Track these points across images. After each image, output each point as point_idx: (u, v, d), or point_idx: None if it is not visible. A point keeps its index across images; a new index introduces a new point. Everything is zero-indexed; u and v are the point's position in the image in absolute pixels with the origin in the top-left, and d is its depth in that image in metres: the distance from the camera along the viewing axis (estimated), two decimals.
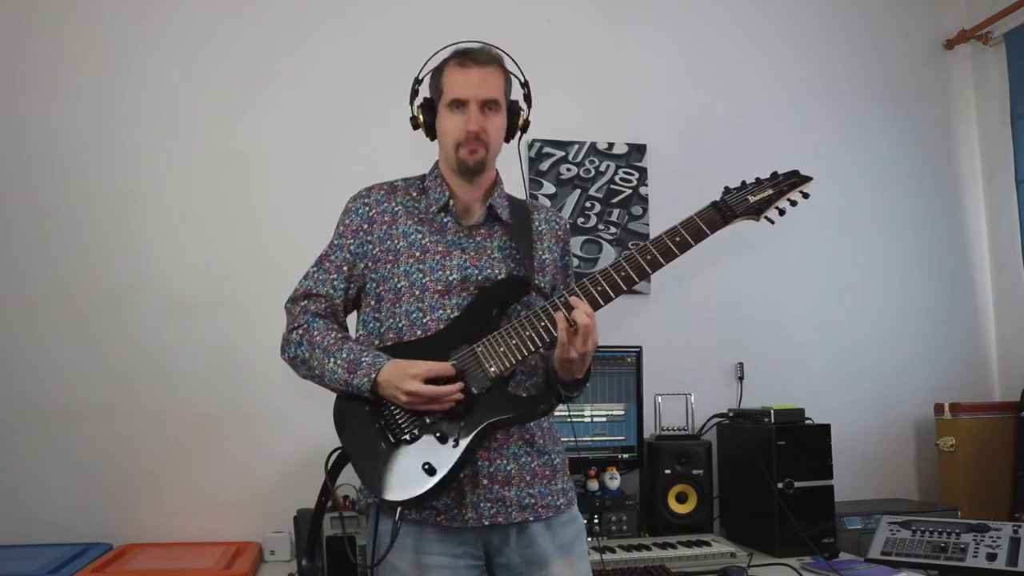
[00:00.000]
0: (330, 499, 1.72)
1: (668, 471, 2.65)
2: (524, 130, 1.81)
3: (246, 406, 2.65)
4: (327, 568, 2.19)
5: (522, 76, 1.83)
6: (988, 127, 3.33)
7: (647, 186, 3.02)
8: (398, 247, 1.71)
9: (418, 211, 1.74)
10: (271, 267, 2.64)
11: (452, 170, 1.74)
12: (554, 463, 1.72)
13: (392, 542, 1.57)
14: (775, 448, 2.56)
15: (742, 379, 3.03)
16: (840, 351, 3.14)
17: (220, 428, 2.64)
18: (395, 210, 1.74)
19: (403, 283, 1.68)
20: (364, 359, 1.61)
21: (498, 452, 1.64)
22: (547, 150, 2.97)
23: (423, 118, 1.78)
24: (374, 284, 1.72)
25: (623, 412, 2.71)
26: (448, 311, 1.66)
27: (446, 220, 1.73)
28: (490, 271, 1.69)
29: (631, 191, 3.02)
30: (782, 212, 1.72)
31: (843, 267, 3.19)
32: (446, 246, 1.70)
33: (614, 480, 2.64)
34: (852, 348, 3.15)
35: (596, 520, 2.57)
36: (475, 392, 1.60)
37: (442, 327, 1.65)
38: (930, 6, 3.41)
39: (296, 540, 2.45)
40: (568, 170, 2.98)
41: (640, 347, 2.73)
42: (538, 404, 1.63)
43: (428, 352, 1.61)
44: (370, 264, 1.72)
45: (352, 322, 1.79)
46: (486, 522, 1.62)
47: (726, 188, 1.71)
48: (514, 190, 1.87)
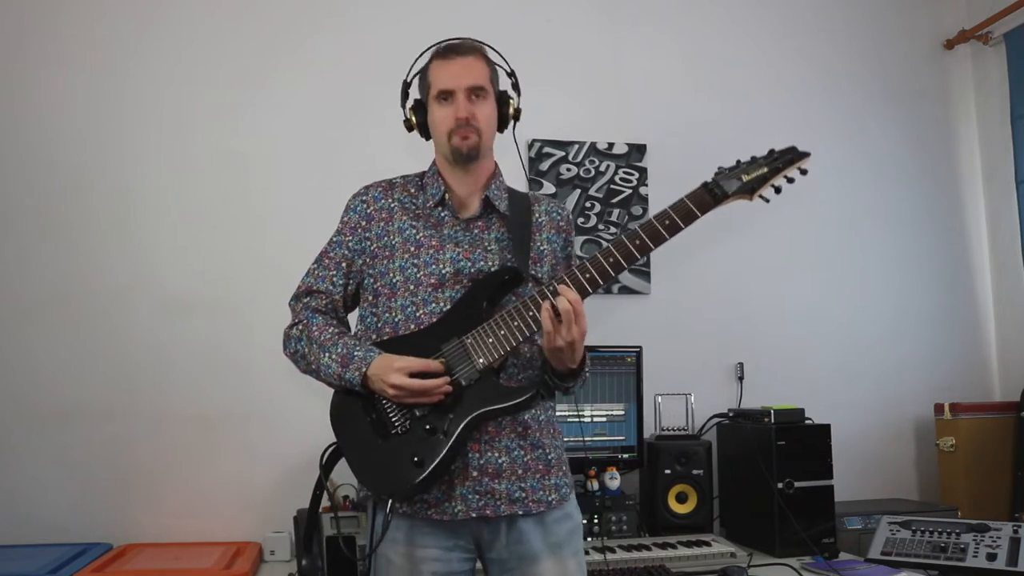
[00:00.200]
0: (324, 492, 1.73)
1: (668, 471, 2.65)
2: (516, 118, 1.81)
3: (245, 406, 2.66)
4: (327, 568, 2.19)
5: (508, 66, 1.83)
6: (988, 127, 3.32)
7: (647, 186, 3.02)
8: (393, 243, 1.72)
9: (415, 207, 1.75)
10: (270, 267, 2.64)
11: (448, 162, 1.75)
12: (548, 458, 1.69)
13: (383, 534, 1.59)
14: (775, 448, 2.56)
15: (742, 379, 3.03)
16: (840, 351, 3.14)
17: (219, 428, 2.64)
18: (392, 207, 1.76)
19: (398, 278, 1.69)
20: (356, 353, 1.63)
21: (489, 444, 1.64)
22: (547, 150, 2.97)
23: (415, 119, 1.80)
24: (371, 280, 1.74)
25: (623, 412, 2.71)
26: (441, 304, 1.66)
27: (443, 214, 1.74)
28: (483, 263, 1.69)
29: (631, 191, 3.02)
30: (778, 190, 1.64)
31: (843, 267, 3.19)
32: (440, 240, 1.70)
33: (614, 480, 2.63)
34: (852, 348, 3.15)
35: (596, 520, 2.57)
36: (464, 384, 1.60)
37: (435, 320, 1.65)
38: (930, 6, 3.41)
39: (296, 540, 2.45)
40: (568, 170, 2.98)
41: (640, 347, 2.73)
42: (526, 394, 1.61)
43: (420, 345, 1.62)
44: (368, 260, 1.74)
45: (354, 319, 1.80)
46: (474, 514, 1.62)
47: (719, 168, 1.65)
48: (513, 184, 1.86)
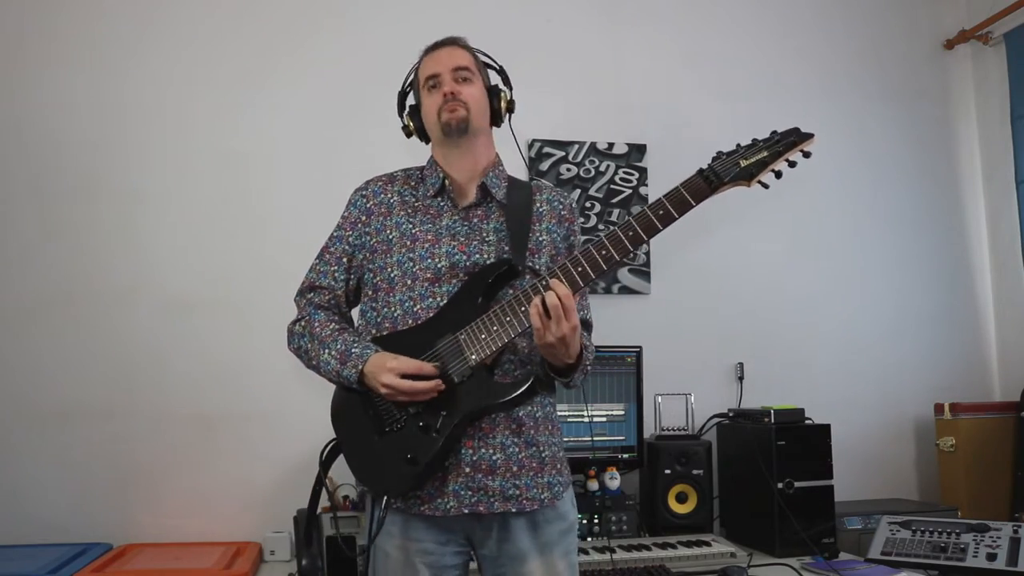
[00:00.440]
0: (323, 488, 1.75)
1: (668, 471, 2.65)
2: (511, 110, 1.81)
3: (246, 406, 2.65)
4: (327, 568, 2.19)
5: (495, 63, 1.84)
6: (988, 127, 3.32)
7: (647, 186, 3.02)
8: (391, 237, 1.72)
9: (414, 199, 1.76)
10: (270, 268, 2.64)
11: (442, 145, 1.75)
12: (543, 455, 1.67)
13: (379, 529, 1.62)
14: (775, 448, 2.56)
15: (742, 379, 3.03)
16: (840, 351, 3.14)
17: (219, 428, 2.64)
18: (391, 200, 1.76)
19: (396, 272, 1.69)
20: (354, 350, 1.64)
21: (483, 441, 1.63)
22: (547, 150, 2.97)
23: (412, 124, 1.81)
24: (371, 274, 1.74)
25: (623, 412, 2.71)
26: (438, 299, 1.66)
27: (442, 204, 1.74)
28: (479, 256, 1.68)
29: (631, 191, 3.02)
30: (779, 175, 1.60)
31: (843, 267, 3.19)
32: (436, 233, 1.70)
33: (614, 480, 2.63)
34: (852, 348, 3.15)
35: (596, 520, 2.57)
36: (456, 381, 1.60)
37: (431, 315, 1.65)
38: (930, 6, 3.41)
39: (296, 540, 2.45)
40: (568, 170, 2.98)
41: (640, 347, 2.73)
42: (517, 391, 1.60)
43: (415, 341, 1.63)
44: (367, 255, 1.75)
45: (357, 315, 1.81)
46: (465, 510, 1.62)
47: (717, 152, 1.60)
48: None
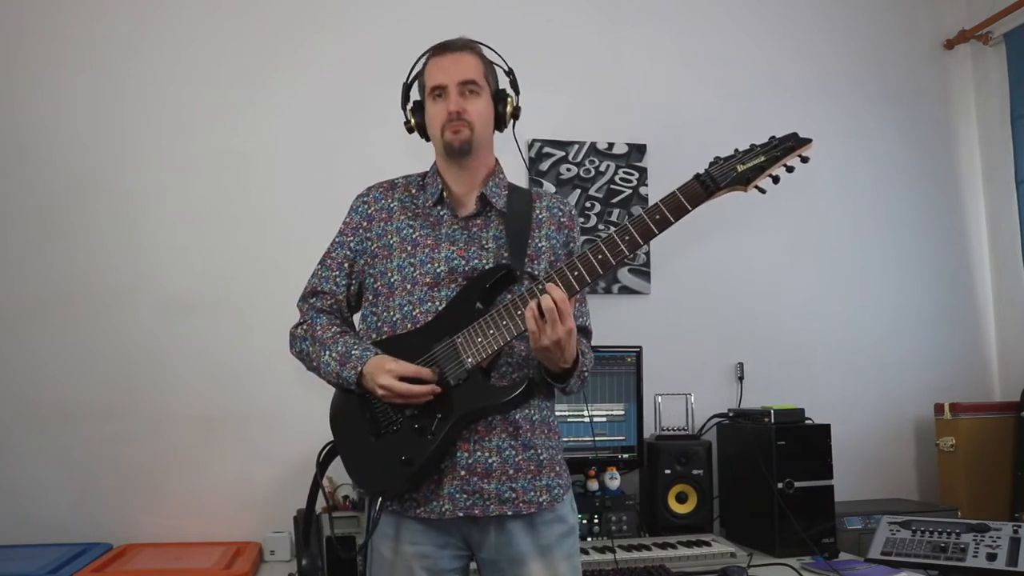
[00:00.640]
0: (321, 490, 1.77)
1: (668, 471, 2.65)
2: (515, 116, 1.80)
3: (246, 406, 2.65)
4: (327, 568, 2.19)
5: (505, 64, 1.83)
6: (988, 127, 3.32)
7: (647, 186, 3.02)
8: (392, 242, 1.73)
9: (415, 206, 1.76)
10: (270, 268, 2.65)
11: (444, 159, 1.75)
12: (540, 458, 1.67)
13: (373, 530, 1.63)
14: (775, 448, 2.56)
15: (742, 379, 3.03)
16: (840, 351, 3.14)
17: (219, 428, 2.64)
18: (392, 207, 1.77)
19: (396, 277, 1.70)
20: (354, 352, 1.65)
21: (479, 444, 1.63)
22: (547, 150, 2.97)
23: (414, 120, 1.81)
24: (372, 280, 1.75)
25: (623, 412, 2.71)
26: (437, 303, 1.67)
27: (442, 213, 1.74)
28: (478, 261, 1.69)
29: (631, 191, 3.02)
30: (776, 180, 1.59)
31: (843, 267, 3.19)
32: (436, 239, 1.71)
33: (614, 480, 2.63)
34: (852, 348, 3.15)
35: (596, 520, 2.57)
36: (452, 384, 1.61)
37: (430, 319, 1.66)
38: (930, 6, 3.41)
39: (296, 540, 2.45)
40: (568, 170, 2.98)
41: (640, 347, 2.73)
42: (512, 393, 1.60)
43: (414, 345, 1.64)
44: (369, 260, 1.76)
45: (358, 320, 1.81)
46: (460, 513, 1.62)
47: (715, 158, 1.60)
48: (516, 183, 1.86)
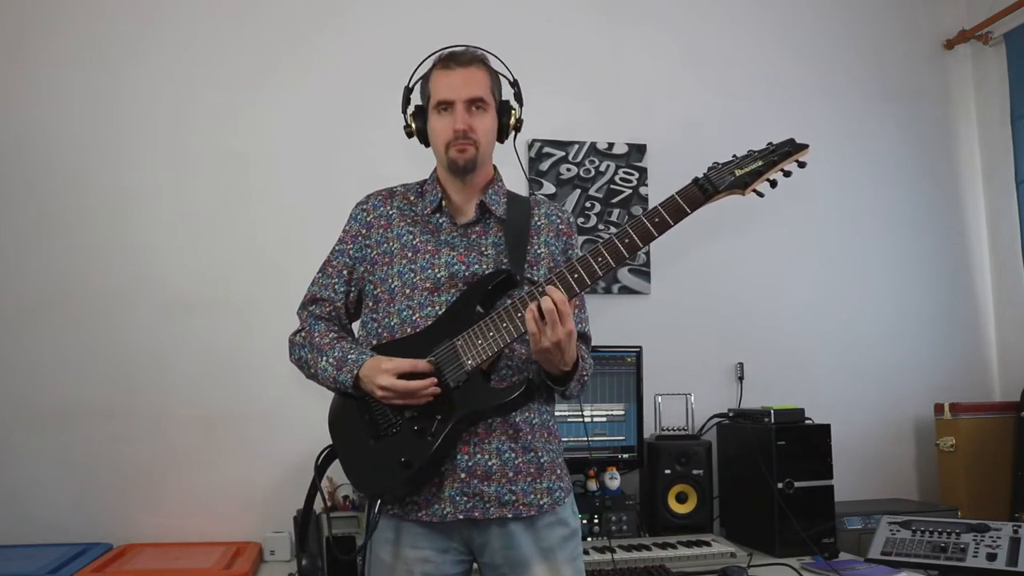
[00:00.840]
0: (319, 493, 1.78)
1: (668, 471, 2.65)
2: (518, 129, 1.81)
3: (245, 406, 2.65)
4: (327, 568, 2.19)
5: (511, 75, 1.83)
6: (988, 127, 3.32)
7: (647, 186, 3.02)
8: (392, 249, 1.73)
9: (413, 214, 1.77)
10: (270, 268, 2.65)
11: (446, 171, 1.76)
12: (540, 461, 1.68)
13: (372, 533, 1.63)
14: (775, 448, 2.56)
15: (742, 379, 3.02)
16: (840, 351, 3.14)
17: (219, 428, 2.64)
18: (391, 214, 1.78)
19: (396, 283, 1.71)
20: (350, 356, 1.66)
21: (479, 446, 1.63)
22: (547, 150, 2.97)
23: (415, 125, 1.80)
24: (372, 286, 1.75)
25: (623, 412, 2.71)
26: (437, 308, 1.67)
27: (441, 221, 1.75)
28: (478, 266, 1.69)
29: (631, 191, 3.02)
30: (773, 184, 1.62)
31: (843, 267, 3.19)
32: (436, 245, 1.71)
33: (614, 480, 2.63)
34: (852, 348, 3.15)
35: (596, 520, 2.57)
36: (452, 386, 1.61)
37: (430, 323, 1.66)
38: (930, 6, 3.41)
39: (296, 540, 2.45)
40: (568, 170, 2.98)
41: (640, 347, 2.73)
42: (511, 395, 1.61)
43: (413, 349, 1.64)
44: (368, 267, 1.76)
45: (358, 327, 1.81)
46: (460, 516, 1.62)
47: (713, 163, 1.63)
48: (515, 190, 1.86)
